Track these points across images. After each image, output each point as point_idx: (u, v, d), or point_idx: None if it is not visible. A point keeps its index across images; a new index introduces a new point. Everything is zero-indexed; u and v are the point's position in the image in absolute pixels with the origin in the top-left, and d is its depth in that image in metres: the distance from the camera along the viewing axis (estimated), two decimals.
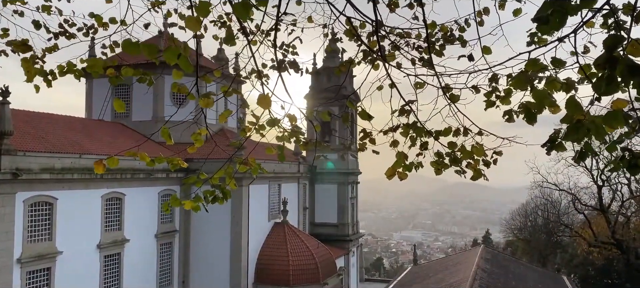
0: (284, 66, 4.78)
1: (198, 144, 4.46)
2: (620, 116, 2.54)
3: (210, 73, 4.62)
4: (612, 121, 2.54)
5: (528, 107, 3.07)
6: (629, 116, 2.62)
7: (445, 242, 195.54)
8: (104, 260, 27.32)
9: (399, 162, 3.85)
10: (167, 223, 31.96)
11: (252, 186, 32.97)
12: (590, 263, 52.31)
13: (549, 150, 3.07)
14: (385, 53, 4.43)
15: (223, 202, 4.52)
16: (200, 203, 4.37)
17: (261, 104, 3.51)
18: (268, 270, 32.98)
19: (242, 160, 4.63)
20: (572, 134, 2.70)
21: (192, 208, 4.45)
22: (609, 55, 2.46)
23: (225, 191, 4.45)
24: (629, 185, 41.38)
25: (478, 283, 19.64)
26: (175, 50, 2.97)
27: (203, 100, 3.57)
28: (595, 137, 2.69)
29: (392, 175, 3.93)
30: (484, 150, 4.02)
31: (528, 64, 3.11)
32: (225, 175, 4.45)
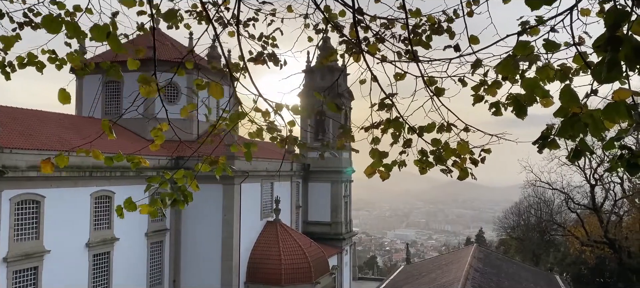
0: (263, 59, 4.54)
1: (159, 141, 4.19)
2: (623, 108, 2.26)
3: (183, 66, 4.35)
4: (614, 114, 2.27)
5: (517, 99, 2.81)
6: (633, 108, 2.33)
7: (439, 241, 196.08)
8: (93, 259, 26.95)
9: (377, 160, 3.60)
10: (157, 221, 31.58)
11: (244, 185, 32.68)
12: (582, 263, 52.45)
13: (540, 148, 2.82)
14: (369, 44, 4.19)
15: (183, 205, 4.23)
16: (158, 208, 4.07)
17: (212, 93, 3.26)
18: (260, 269, 32.72)
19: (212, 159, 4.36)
20: (567, 129, 2.43)
21: (149, 213, 4.16)
22: (611, 35, 2.15)
23: (186, 193, 4.18)
24: (621, 185, 41.45)
25: (470, 283, 19.48)
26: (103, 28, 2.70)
27: (144, 89, 3.31)
28: (593, 133, 2.43)
29: (371, 174, 3.69)
30: (469, 148, 3.77)
31: (516, 47, 2.81)
32: (186, 177, 4.17)
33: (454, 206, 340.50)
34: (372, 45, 4.19)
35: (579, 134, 2.46)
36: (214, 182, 31.99)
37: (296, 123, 3.77)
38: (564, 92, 2.38)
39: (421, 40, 4.37)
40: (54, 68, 5.12)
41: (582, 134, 2.45)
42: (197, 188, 4.23)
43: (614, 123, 2.39)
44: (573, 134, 2.46)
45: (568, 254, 55.04)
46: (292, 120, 3.75)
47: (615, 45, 2.14)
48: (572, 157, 2.76)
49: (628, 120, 2.31)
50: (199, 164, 4.33)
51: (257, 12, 4.93)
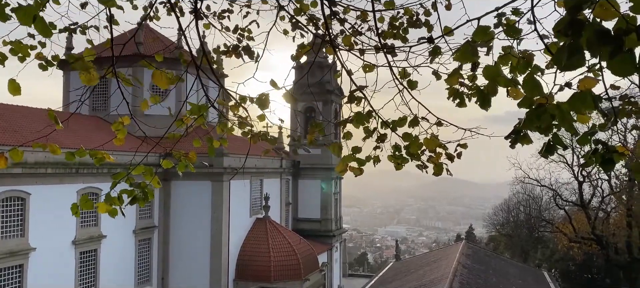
0: (238, 52, 4.43)
1: (121, 135, 4.07)
2: (589, 98, 2.17)
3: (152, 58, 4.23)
4: (580, 104, 2.17)
5: (480, 89, 2.73)
6: (599, 99, 2.24)
7: (430, 237, 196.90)
8: (79, 257, 26.68)
9: (349, 156, 3.51)
10: (145, 218, 31.37)
11: (233, 182, 32.52)
12: (570, 259, 52.89)
13: (513, 142, 2.74)
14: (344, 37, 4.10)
15: (143, 203, 4.12)
16: (117, 206, 3.95)
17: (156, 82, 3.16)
18: (249, 266, 32.62)
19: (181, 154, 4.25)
20: (533, 120, 2.34)
21: (108, 212, 4.04)
22: (573, 18, 2.02)
23: (147, 190, 4.06)
24: (609, 181, 41.78)
25: (458, 280, 19.53)
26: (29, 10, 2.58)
27: (85, 76, 3.20)
28: (561, 123, 2.35)
29: (343, 171, 3.61)
30: (438, 142, 3.68)
31: (475, 33, 2.72)
32: (146, 172, 4.05)
33: (444, 203, 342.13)
34: (346, 38, 4.10)
35: (546, 125, 2.37)
36: (203, 179, 31.83)
37: (266, 117, 3.68)
38: (526, 81, 2.28)
39: (398, 33, 4.30)
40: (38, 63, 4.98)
41: (548, 125, 2.37)
42: (159, 185, 4.10)
43: (580, 113, 2.31)
44: (540, 125, 2.38)
45: (556, 250, 55.47)
46: (262, 115, 3.66)
47: (576, 30, 2.03)
48: (544, 152, 2.67)
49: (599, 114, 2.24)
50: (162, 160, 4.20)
51: (231, 3, 4.83)
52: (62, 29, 4.67)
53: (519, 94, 2.54)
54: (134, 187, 3.95)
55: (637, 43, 1.92)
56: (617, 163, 2.62)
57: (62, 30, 4.73)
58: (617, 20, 2.05)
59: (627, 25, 1.98)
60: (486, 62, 2.72)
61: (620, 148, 2.57)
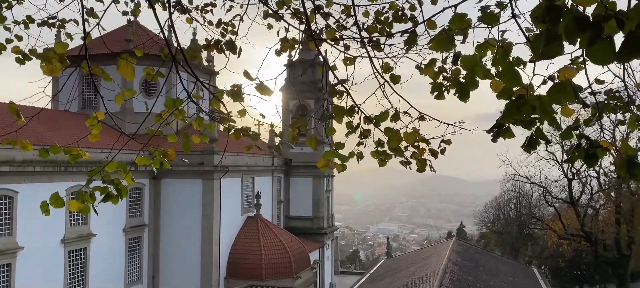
0: (220, 47, 4.37)
1: (95, 131, 4.00)
2: (569, 89, 2.12)
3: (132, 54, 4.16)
4: (560, 95, 2.13)
5: (459, 80, 2.68)
6: (579, 88, 2.19)
7: (421, 235, 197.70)
8: (68, 256, 26.46)
9: (330, 151, 3.47)
10: (136, 217, 31.19)
11: (224, 179, 32.41)
12: (560, 255, 53.29)
13: (495, 136, 2.70)
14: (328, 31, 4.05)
15: (117, 201, 4.04)
16: (89, 204, 3.86)
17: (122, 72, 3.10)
18: (240, 264, 32.53)
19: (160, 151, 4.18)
20: (513, 112, 2.30)
21: (80, 210, 3.96)
22: (550, 4, 1.96)
23: (120, 187, 3.98)
24: (598, 179, 42.12)
25: (448, 277, 19.59)
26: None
27: (46, 67, 3.13)
28: (542, 116, 2.31)
29: (325, 166, 3.57)
30: (418, 136, 3.63)
31: (452, 20, 2.66)
32: (120, 169, 3.97)
33: (436, 200, 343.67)
34: (329, 31, 4.05)
35: (526, 118, 2.33)
36: (194, 177, 31.71)
37: (247, 113, 3.63)
38: (505, 71, 2.23)
39: (383, 28, 4.25)
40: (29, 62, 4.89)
41: (529, 117, 2.33)
42: (133, 182, 4.02)
43: (560, 104, 2.26)
44: (522, 118, 2.34)
45: (546, 247, 55.88)
46: (243, 110, 3.60)
47: (554, 16, 1.96)
48: (527, 146, 2.64)
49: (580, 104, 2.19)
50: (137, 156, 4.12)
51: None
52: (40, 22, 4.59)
53: (499, 86, 2.48)
54: (107, 184, 3.86)
55: (616, 30, 1.88)
56: (601, 158, 2.60)
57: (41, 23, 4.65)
58: (596, 6, 1.99)
59: (606, 11, 1.93)
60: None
61: (604, 143, 2.55)
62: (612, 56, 1.84)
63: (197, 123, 3.92)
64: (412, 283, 21.21)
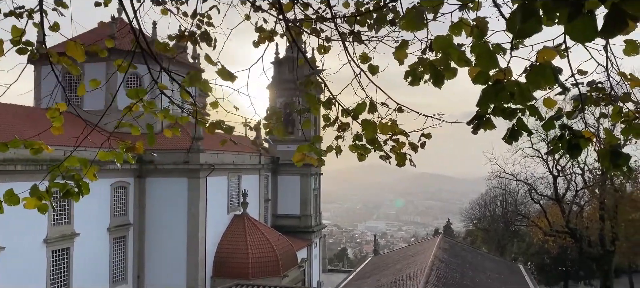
0: (194, 38, 4.22)
1: (57, 123, 3.84)
2: (549, 71, 2.01)
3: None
4: (540, 79, 2.02)
5: (433, 64, 2.56)
6: (559, 71, 2.08)
7: (409, 232, 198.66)
8: (51, 256, 26.02)
9: (305, 145, 3.35)
10: (120, 216, 30.80)
11: (210, 178, 32.15)
12: (545, 252, 53.86)
13: (475, 128, 2.59)
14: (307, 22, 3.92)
15: (78, 198, 3.88)
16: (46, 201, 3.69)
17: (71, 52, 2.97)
18: (227, 263, 32.31)
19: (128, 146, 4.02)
20: (490, 98, 2.18)
21: (38, 208, 3.78)
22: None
23: (81, 184, 3.82)
24: (582, 176, 42.52)
25: (435, 274, 19.61)
26: None
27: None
28: (520, 102, 2.20)
29: (300, 161, 3.45)
30: (394, 127, 3.50)
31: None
32: (81, 165, 3.81)
33: (423, 198, 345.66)
34: (307, 22, 3.92)
35: (504, 104, 2.22)
36: (179, 176, 31.40)
37: (219, 104, 3.49)
38: (480, 53, 2.10)
39: (363, 19, 4.13)
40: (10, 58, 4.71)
41: (507, 103, 2.21)
42: (95, 178, 3.87)
43: (539, 88, 2.14)
44: (498, 105, 2.23)
45: (532, 244, 56.43)
46: (215, 102, 3.47)
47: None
48: (508, 137, 2.53)
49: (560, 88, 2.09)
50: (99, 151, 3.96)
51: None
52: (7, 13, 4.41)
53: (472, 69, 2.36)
54: (67, 180, 3.69)
55: (597, 4, 1.77)
56: (584, 149, 2.51)
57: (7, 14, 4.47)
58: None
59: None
60: None
61: (586, 134, 2.47)
62: (594, 33, 1.73)
63: (162, 115, 3.76)
64: (399, 280, 21.20)
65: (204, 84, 3.29)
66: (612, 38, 1.75)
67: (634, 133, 2.98)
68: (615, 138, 2.40)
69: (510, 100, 2.18)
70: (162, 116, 3.89)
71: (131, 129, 4.09)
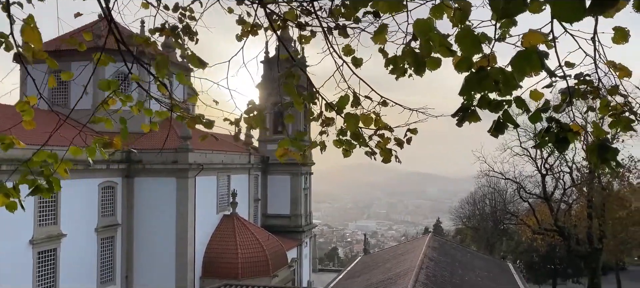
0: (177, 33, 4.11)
1: (27, 116, 3.71)
2: (535, 57, 1.92)
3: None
4: (525, 65, 1.92)
5: (414, 51, 2.47)
6: (545, 55, 1.98)
7: (399, 231, 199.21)
8: (37, 257, 25.67)
9: (286, 140, 3.26)
10: (108, 216, 30.48)
11: (199, 177, 31.92)
12: (534, 250, 54.21)
13: (460, 121, 2.51)
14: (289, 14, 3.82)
15: (49, 195, 3.75)
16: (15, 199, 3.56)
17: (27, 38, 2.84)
18: (216, 263, 32.10)
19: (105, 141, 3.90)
20: (473, 86, 2.09)
21: (6, 207, 3.65)
22: None
23: (52, 180, 3.69)
24: (570, 174, 42.87)
25: (425, 272, 19.61)
26: None
27: None
28: (505, 91, 2.11)
29: (283, 156, 3.36)
30: (380, 122, 3.42)
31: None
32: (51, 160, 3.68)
33: (413, 197, 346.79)
34: (290, 12, 3.82)
35: (488, 92, 2.13)
36: (167, 175, 31.15)
37: (198, 98, 3.39)
38: (462, 36, 2.01)
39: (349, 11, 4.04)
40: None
41: (491, 91, 2.13)
42: (66, 175, 3.74)
43: (525, 75, 2.05)
44: (483, 95, 2.14)
45: (521, 242, 56.80)
46: (194, 96, 3.37)
47: None
48: (493, 130, 2.45)
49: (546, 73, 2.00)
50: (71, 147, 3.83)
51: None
52: None
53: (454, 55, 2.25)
54: (35, 176, 3.56)
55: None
56: (572, 142, 2.44)
57: None
58: None
59: None
60: None
61: (574, 127, 2.40)
62: (583, 11, 1.64)
63: (136, 109, 3.65)
64: (388, 279, 21.18)
65: (180, 75, 3.18)
66: (600, 14, 1.68)
67: (621, 126, 2.94)
68: (604, 131, 2.33)
69: (495, 88, 2.09)
70: (136, 110, 3.78)
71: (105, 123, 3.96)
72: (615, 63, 2.74)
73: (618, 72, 2.75)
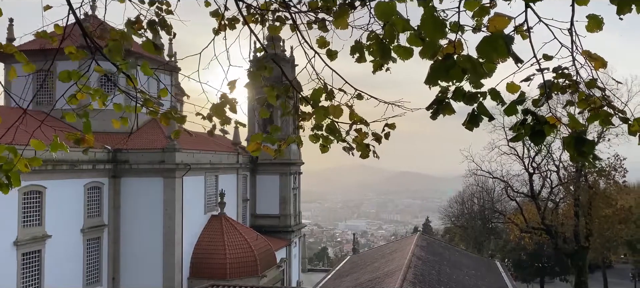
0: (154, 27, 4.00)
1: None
2: (501, 42, 1.85)
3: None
4: (491, 51, 1.85)
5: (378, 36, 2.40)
6: (510, 39, 1.90)
7: (389, 230, 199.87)
8: (21, 259, 25.29)
9: (259, 134, 3.17)
10: (94, 217, 30.13)
11: (187, 177, 31.68)
12: (522, 249, 54.62)
13: (434, 114, 2.44)
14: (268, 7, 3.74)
15: (7, 190, 3.64)
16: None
17: None
18: (204, 264, 31.88)
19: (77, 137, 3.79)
20: (440, 74, 2.01)
21: None
22: None
23: (11, 175, 3.58)
24: (557, 173, 43.19)
25: (412, 271, 19.62)
26: None
27: None
28: (473, 79, 2.04)
29: (255, 150, 3.27)
30: (355, 116, 3.32)
31: None
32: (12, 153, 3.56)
33: (403, 196, 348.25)
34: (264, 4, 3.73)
35: (457, 81, 2.06)
36: (155, 175, 30.88)
37: (168, 91, 3.30)
38: (425, 19, 1.92)
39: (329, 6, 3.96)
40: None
41: (459, 80, 2.05)
42: (26, 169, 3.63)
43: (491, 61, 1.98)
44: (446, 80, 2.06)
45: (509, 241, 57.17)
46: (165, 89, 3.27)
47: None
48: (468, 123, 2.38)
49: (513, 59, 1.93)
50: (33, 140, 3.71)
51: None
52: None
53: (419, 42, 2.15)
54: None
55: None
56: (549, 135, 2.39)
57: None
58: None
59: None
60: None
61: (551, 119, 2.34)
62: None
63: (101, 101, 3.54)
64: (377, 278, 21.16)
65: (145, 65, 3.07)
66: None
67: (600, 121, 2.89)
68: (580, 124, 2.28)
69: (463, 77, 2.01)
70: (101, 103, 3.68)
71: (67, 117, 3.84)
72: (590, 53, 2.69)
73: (593, 63, 2.70)
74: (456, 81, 2.07)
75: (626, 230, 45.92)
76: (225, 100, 3.34)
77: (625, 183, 43.47)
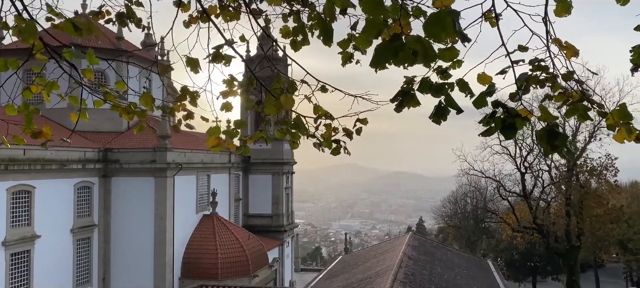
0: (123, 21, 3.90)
1: None
2: (448, 19, 1.74)
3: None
4: (438, 30, 1.74)
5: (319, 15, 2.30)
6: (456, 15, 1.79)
7: (382, 230, 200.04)
8: (10, 259, 25.03)
9: (215, 128, 3.07)
10: (84, 217, 29.88)
11: (178, 177, 31.48)
12: (514, 248, 54.74)
13: (399, 106, 2.34)
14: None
15: None
16: None
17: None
18: (195, 264, 31.70)
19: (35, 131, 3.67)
20: (387, 56, 1.89)
21: None
22: None
23: None
24: (549, 172, 43.32)
25: (403, 271, 19.56)
26: None
27: None
28: (424, 62, 1.93)
29: (215, 146, 3.17)
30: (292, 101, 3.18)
31: None
32: None
33: (397, 196, 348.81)
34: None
35: (405, 65, 1.95)
36: (146, 175, 30.67)
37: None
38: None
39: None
40: None
41: (409, 64, 1.94)
42: None
43: (438, 41, 1.87)
44: (396, 64, 1.94)
45: (501, 240, 57.31)
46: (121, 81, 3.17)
47: None
48: (434, 115, 2.29)
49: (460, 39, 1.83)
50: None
51: None
52: None
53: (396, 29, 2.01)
54: None
55: None
56: (520, 129, 2.30)
57: None
58: None
59: None
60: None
61: (523, 112, 2.26)
62: None
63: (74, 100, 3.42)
64: (368, 278, 21.09)
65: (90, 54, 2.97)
66: None
67: (578, 115, 2.81)
68: (552, 116, 2.19)
69: (413, 60, 1.90)
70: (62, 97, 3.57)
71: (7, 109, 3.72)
72: (561, 41, 2.60)
73: (565, 51, 2.62)
74: (407, 65, 1.96)
75: (617, 230, 46.11)
76: (185, 92, 3.22)
77: (617, 183, 43.64)
